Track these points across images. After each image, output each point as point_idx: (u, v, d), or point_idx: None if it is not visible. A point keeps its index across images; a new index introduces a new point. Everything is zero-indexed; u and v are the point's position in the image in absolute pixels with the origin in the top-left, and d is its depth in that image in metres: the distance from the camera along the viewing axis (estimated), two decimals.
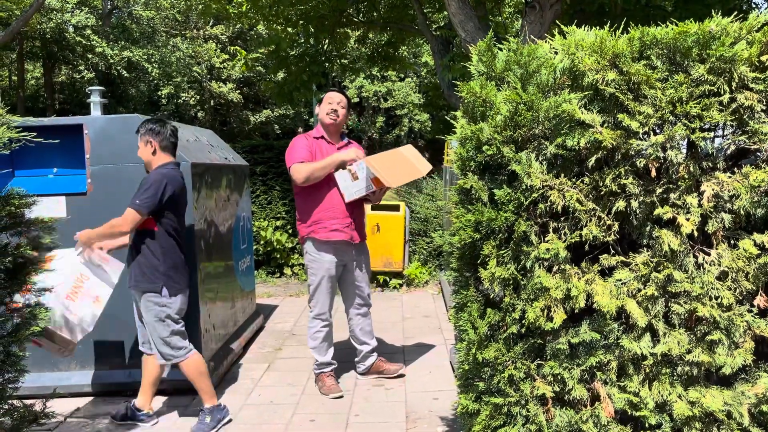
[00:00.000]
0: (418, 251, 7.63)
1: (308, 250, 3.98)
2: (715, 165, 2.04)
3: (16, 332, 2.51)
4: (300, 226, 4.01)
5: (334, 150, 3.96)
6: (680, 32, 1.97)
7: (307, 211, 3.94)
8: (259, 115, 21.55)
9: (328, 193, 3.90)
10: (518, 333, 2.14)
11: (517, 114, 2.07)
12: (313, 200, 3.91)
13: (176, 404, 3.87)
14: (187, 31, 21.40)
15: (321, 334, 4.03)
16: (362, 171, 3.82)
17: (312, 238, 3.93)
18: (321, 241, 3.92)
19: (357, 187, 3.86)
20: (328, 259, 3.95)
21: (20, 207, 2.50)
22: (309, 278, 4.03)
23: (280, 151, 7.81)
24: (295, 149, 3.91)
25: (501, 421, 2.18)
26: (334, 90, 4.08)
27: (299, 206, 4.00)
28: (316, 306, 4.03)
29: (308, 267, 4.02)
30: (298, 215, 4.02)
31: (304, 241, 4.01)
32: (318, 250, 3.94)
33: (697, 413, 2.00)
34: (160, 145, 3.48)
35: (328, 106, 3.97)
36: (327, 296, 4.01)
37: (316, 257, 3.96)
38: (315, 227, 3.91)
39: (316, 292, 4.01)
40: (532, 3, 5.64)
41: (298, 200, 4.01)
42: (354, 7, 8.41)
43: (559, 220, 2.10)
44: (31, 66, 22.22)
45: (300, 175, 3.79)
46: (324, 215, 3.90)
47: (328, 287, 3.99)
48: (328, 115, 3.96)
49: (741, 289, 1.99)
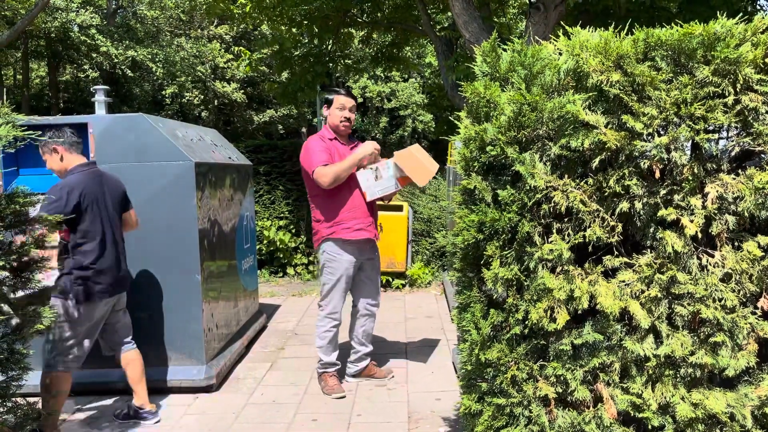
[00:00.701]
0: (421, 252, 7.63)
1: (328, 249, 3.95)
2: (720, 167, 2.04)
3: (20, 330, 2.52)
4: (319, 226, 3.96)
5: (348, 151, 3.96)
6: (685, 34, 1.96)
7: (329, 212, 3.91)
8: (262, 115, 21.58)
9: (351, 193, 3.89)
10: (521, 334, 2.14)
11: (521, 115, 2.07)
12: (335, 201, 3.89)
13: (177, 404, 3.88)
14: (191, 30, 21.45)
15: (330, 334, 4.03)
16: (388, 170, 3.83)
17: (334, 239, 3.91)
18: (344, 241, 3.91)
19: (380, 186, 3.86)
20: (348, 259, 3.95)
21: (25, 205, 2.51)
22: (325, 278, 4.00)
23: (283, 151, 7.83)
24: (314, 152, 3.85)
25: (503, 422, 2.18)
26: (344, 94, 4.02)
27: (319, 207, 3.94)
28: (328, 305, 4.01)
29: (326, 267, 3.98)
30: (318, 216, 3.96)
31: (322, 241, 3.96)
32: (340, 250, 3.93)
33: (700, 415, 2.00)
34: (65, 147, 3.39)
35: (341, 113, 3.95)
36: (341, 296, 4.01)
37: (337, 257, 3.94)
38: (337, 228, 3.89)
39: (331, 291, 3.99)
40: (537, 4, 5.64)
41: (317, 201, 3.95)
42: (358, 7, 8.41)
43: (562, 221, 2.10)
44: (36, 65, 22.31)
45: (326, 178, 3.77)
46: (347, 215, 3.89)
47: (344, 287, 3.99)
48: (342, 123, 3.96)
49: (745, 291, 1.99)
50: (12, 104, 2.82)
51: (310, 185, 3.94)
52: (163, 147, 3.92)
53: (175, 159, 3.92)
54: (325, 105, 4.08)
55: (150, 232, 3.93)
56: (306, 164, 3.87)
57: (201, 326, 3.99)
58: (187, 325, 3.99)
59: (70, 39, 18.14)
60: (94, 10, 19.19)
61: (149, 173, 3.93)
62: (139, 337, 3.98)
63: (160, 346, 3.99)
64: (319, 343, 4.07)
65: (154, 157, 3.92)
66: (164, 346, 4.00)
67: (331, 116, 3.99)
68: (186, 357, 4.01)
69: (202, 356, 4.01)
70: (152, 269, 3.97)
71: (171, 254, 3.96)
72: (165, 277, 3.97)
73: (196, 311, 3.99)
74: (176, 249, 3.95)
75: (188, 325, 3.99)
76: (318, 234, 3.99)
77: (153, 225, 3.93)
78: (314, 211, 4.00)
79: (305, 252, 7.86)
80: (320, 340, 4.06)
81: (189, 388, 4.01)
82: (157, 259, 3.96)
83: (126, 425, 3.58)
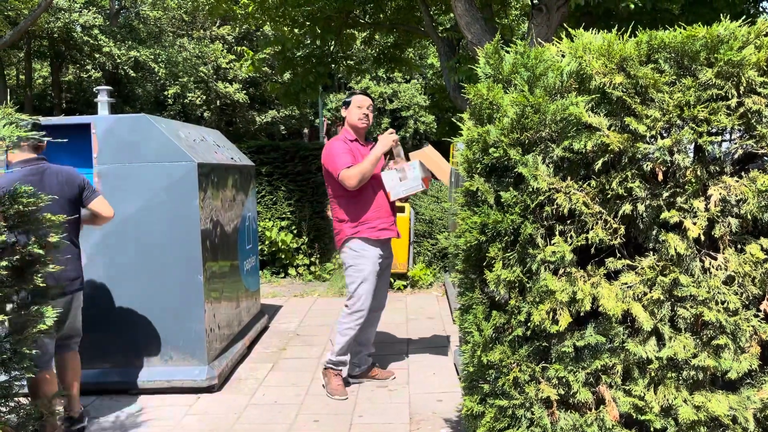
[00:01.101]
0: (423, 253, 7.63)
1: (354, 247, 3.94)
2: (723, 169, 2.04)
3: (23, 330, 2.52)
4: (343, 225, 3.95)
5: (367, 151, 4.00)
6: (688, 36, 1.97)
7: (354, 212, 3.91)
8: (265, 116, 21.62)
9: (375, 193, 3.92)
10: (523, 335, 2.14)
11: (524, 116, 2.07)
12: (359, 201, 3.90)
13: (178, 404, 3.88)
14: (193, 31, 21.49)
15: (352, 332, 3.98)
16: (413, 170, 3.86)
17: (360, 237, 3.91)
18: (370, 240, 3.93)
19: (405, 186, 3.89)
20: (375, 254, 3.95)
21: (28, 205, 2.52)
22: (352, 276, 3.96)
23: (285, 152, 7.83)
24: (338, 154, 3.86)
25: (505, 424, 2.18)
26: (362, 94, 4.08)
27: (343, 207, 3.94)
28: (358, 301, 3.96)
29: (353, 264, 3.96)
30: (342, 216, 3.95)
31: (346, 240, 3.95)
32: (366, 246, 3.93)
33: (703, 418, 2.00)
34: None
35: (359, 111, 3.99)
36: (371, 292, 3.98)
37: (364, 253, 3.93)
38: (362, 227, 3.90)
39: (359, 287, 3.95)
40: (539, 5, 5.65)
41: (341, 201, 3.94)
42: (360, 8, 8.42)
43: (565, 223, 2.10)
44: (39, 65, 22.36)
45: (353, 180, 3.78)
46: (372, 215, 3.91)
47: (372, 282, 3.97)
48: (360, 120, 4.00)
49: (747, 294, 1.99)
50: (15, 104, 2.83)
51: (334, 186, 3.93)
52: (165, 147, 3.93)
53: (177, 159, 3.93)
54: (343, 107, 4.10)
55: (152, 232, 3.94)
56: (330, 167, 3.88)
57: (203, 327, 4.00)
58: (189, 326, 4.00)
59: (73, 39, 18.19)
60: (97, 11, 19.24)
61: (152, 174, 3.93)
62: (141, 337, 4.00)
63: (162, 346, 4.00)
64: (338, 339, 4.01)
65: (157, 158, 3.93)
66: (166, 346, 4.00)
67: (349, 115, 4.02)
68: (188, 357, 4.01)
69: (204, 357, 4.01)
70: (154, 269, 3.97)
71: (173, 255, 3.96)
72: (167, 278, 3.97)
73: (198, 312, 3.99)
74: (178, 249, 3.96)
75: (190, 326, 4.00)
76: (341, 234, 3.97)
77: (155, 225, 3.94)
78: (337, 211, 3.99)
79: (307, 253, 7.87)
80: (340, 337, 4.00)
81: (191, 389, 4.01)
82: (159, 260, 3.96)
83: (127, 425, 3.58)
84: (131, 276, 3.97)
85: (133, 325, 3.98)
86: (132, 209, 3.94)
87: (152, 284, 3.97)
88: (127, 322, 3.98)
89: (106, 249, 3.97)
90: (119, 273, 3.97)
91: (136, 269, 3.96)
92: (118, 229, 3.94)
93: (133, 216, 3.94)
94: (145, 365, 4.01)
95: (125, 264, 3.97)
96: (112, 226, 3.90)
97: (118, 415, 3.71)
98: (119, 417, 3.69)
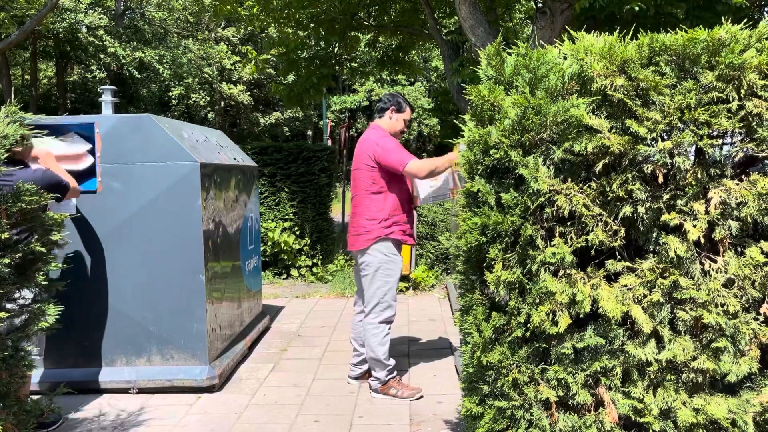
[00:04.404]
0: (425, 255, 7.63)
1: (385, 251, 3.86)
2: (723, 172, 2.04)
3: (25, 328, 2.53)
4: (373, 225, 3.86)
5: None
6: (689, 39, 1.97)
7: (387, 212, 3.86)
8: (268, 117, 21.66)
9: (404, 197, 3.93)
10: (523, 337, 2.15)
11: (525, 118, 2.08)
12: (392, 201, 3.87)
13: (179, 403, 3.89)
14: (198, 32, 21.56)
15: (389, 339, 3.93)
16: (444, 178, 3.89)
17: (392, 238, 3.87)
18: (397, 242, 3.92)
19: (436, 194, 3.92)
20: (400, 260, 3.95)
21: (31, 204, 2.53)
22: (382, 279, 3.87)
23: (288, 153, 7.84)
24: (395, 148, 3.83)
25: (504, 425, 2.18)
26: (410, 106, 4.19)
27: (378, 205, 3.86)
28: (387, 309, 3.89)
29: (383, 268, 3.87)
30: (374, 215, 3.86)
31: (377, 241, 3.85)
32: (395, 250, 3.90)
33: (702, 420, 2.00)
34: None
35: (404, 123, 4.09)
36: (395, 298, 3.96)
37: (394, 258, 3.89)
38: (396, 228, 3.87)
39: (388, 293, 3.88)
40: (543, 9, 5.65)
41: (374, 198, 3.86)
42: (365, 10, 8.44)
43: (565, 225, 2.10)
44: (44, 65, 22.45)
45: (423, 172, 3.76)
46: (400, 218, 3.90)
47: (396, 288, 3.95)
48: (402, 131, 4.11)
49: (747, 297, 1.99)
50: (20, 104, 2.84)
51: (376, 180, 3.86)
52: (168, 147, 3.95)
53: (180, 159, 3.94)
54: (393, 107, 4.03)
55: (154, 232, 3.95)
56: (390, 159, 3.79)
57: (204, 326, 4.01)
58: (190, 325, 4.00)
59: (79, 40, 18.26)
60: (103, 12, 19.31)
61: (155, 173, 3.95)
62: (143, 337, 4.00)
63: (164, 345, 4.01)
64: (380, 351, 3.88)
65: (160, 158, 3.95)
66: (167, 345, 4.01)
67: (397, 122, 4.03)
68: (189, 357, 4.02)
69: (205, 356, 4.02)
70: (156, 269, 3.98)
71: (175, 254, 3.97)
72: (169, 277, 3.98)
73: (199, 311, 4.00)
74: (180, 249, 3.97)
75: (191, 325, 4.01)
76: (370, 233, 3.86)
77: (158, 225, 3.95)
78: (367, 210, 3.88)
79: (309, 254, 7.88)
80: (381, 347, 3.88)
81: (191, 388, 4.02)
82: (161, 259, 3.97)
83: (127, 424, 3.59)
84: (133, 275, 3.98)
85: (134, 324, 3.99)
86: (135, 208, 3.95)
87: (154, 283, 3.98)
88: (127, 321, 3.99)
89: (109, 247, 3.98)
90: (121, 271, 3.98)
91: (138, 268, 3.97)
92: (121, 228, 3.95)
93: (136, 215, 3.95)
94: (146, 364, 4.02)
95: (127, 262, 3.98)
96: (115, 225, 3.92)
97: (119, 413, 3.72)
98: (120, 416, 3.70)
